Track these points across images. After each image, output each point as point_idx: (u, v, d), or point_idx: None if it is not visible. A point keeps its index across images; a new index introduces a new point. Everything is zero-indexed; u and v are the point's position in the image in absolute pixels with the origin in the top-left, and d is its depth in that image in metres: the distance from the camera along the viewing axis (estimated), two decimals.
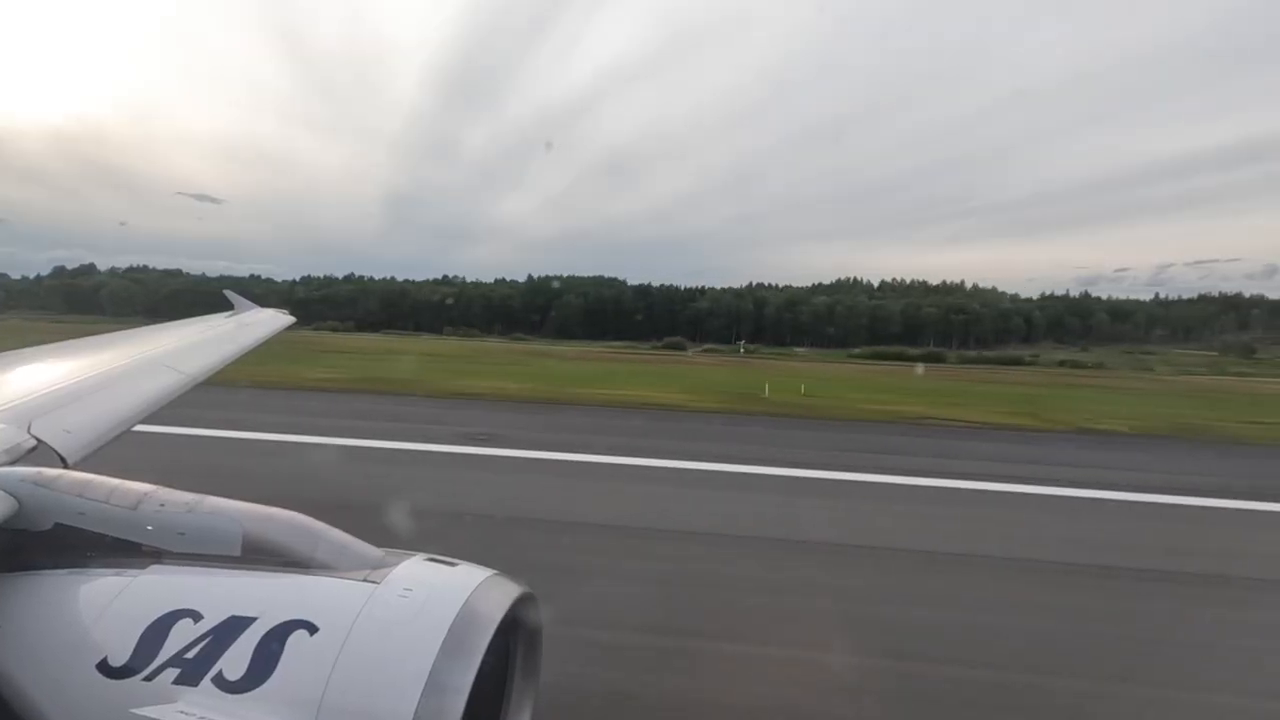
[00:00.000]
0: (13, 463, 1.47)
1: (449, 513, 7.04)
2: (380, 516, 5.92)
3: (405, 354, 33.74)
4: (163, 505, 1.30)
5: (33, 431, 1.63)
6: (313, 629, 1.11)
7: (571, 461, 10.00)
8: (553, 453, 10.26)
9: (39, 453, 1.58)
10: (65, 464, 1.60)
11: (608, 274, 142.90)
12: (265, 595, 1.17)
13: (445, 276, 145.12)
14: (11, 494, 1.31)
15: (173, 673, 1.09)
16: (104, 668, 1.11)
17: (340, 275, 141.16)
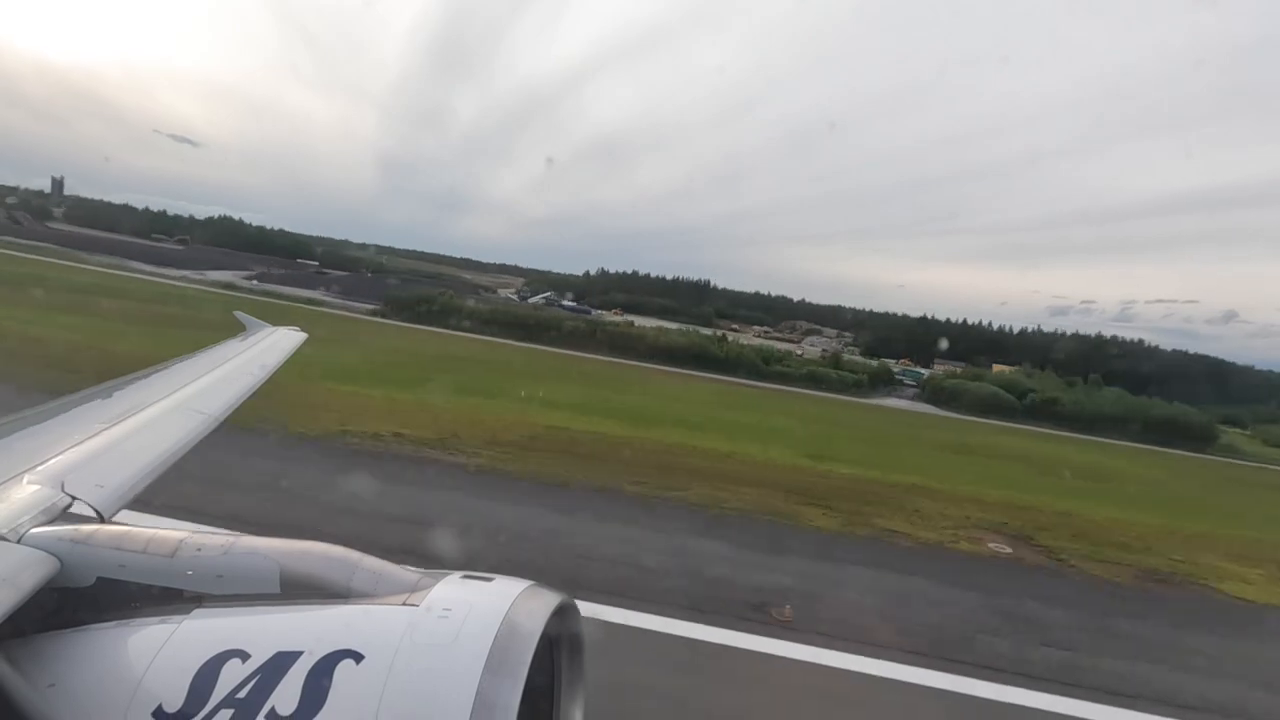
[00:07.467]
0: (50, 522, 1.49)
1: None
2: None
3: None
4: (199, 550, 1.31)
5: (67, 489, 1.66)
6: (359, 657, 1.12)
7: None
8: None
9: (74, 509, 1.60)
10: (101, 519, 1.63)
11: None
12: (308, 628, 1.18)
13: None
14: (53, 553, 1.33)
15: (227, 713, 1.10)
16: (160, 715, 1.13)
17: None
